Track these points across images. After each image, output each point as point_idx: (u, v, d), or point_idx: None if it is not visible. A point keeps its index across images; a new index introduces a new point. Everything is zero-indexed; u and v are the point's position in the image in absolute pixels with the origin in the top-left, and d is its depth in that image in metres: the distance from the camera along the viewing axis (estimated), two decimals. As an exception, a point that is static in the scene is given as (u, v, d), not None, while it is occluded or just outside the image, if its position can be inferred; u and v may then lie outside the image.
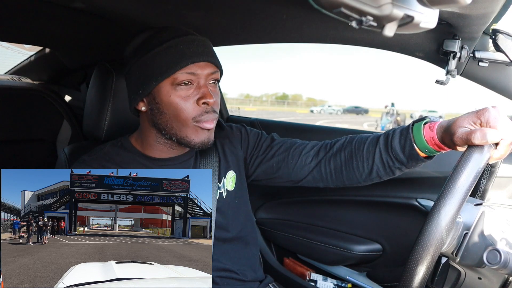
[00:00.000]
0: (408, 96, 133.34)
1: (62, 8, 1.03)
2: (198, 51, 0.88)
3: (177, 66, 0.86)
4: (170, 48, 0.86)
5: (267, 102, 67.71)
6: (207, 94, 0.88)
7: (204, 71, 0.89)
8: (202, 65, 0.88)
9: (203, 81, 0.89)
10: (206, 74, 0.89)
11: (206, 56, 0.89)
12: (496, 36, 0.95)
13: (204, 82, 0.89)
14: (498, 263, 0.63)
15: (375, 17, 0.36)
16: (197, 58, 0.87)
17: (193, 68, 0.87)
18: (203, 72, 0.89)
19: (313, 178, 1.00)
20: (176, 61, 0.86)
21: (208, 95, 0.88)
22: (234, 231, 1.03)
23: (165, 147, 0.96)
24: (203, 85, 0.89)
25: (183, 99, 0.87)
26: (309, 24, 1.07)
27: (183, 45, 0.87)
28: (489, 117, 0.69)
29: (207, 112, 0.89)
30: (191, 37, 0.89)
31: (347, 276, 1.41)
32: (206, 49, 0.90)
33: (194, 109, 0.88)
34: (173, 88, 0.87)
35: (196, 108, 0.88)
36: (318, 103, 64.76)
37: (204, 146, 0.92)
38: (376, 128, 17.91)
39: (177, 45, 0.87)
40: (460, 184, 0.64)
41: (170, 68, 0.86)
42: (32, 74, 1.99)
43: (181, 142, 0.92)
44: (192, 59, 0.86)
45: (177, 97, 0.87)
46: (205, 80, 0.90)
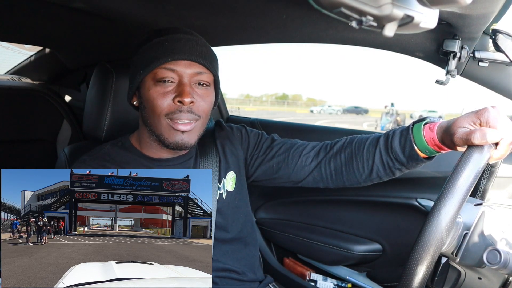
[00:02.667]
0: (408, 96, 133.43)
1: (62, 8, 1.03)
2: (182, 49, 0.86)
3: (157, 62, 0.86)
4: (155, 44, 0.88)
5: (267, 102, 67.70)
6: (184, 92, 0.86)
7: (187, 70, 0.87)
8: (185, 63, 0.87)
9: (186, 80, 0.87)
10: (189, 74, 0.88)
11: (189, 55, 0.87)
12: (496, 36, 0.95)
13: (187, 81, 0.88)
14: (498, 263, 0.63)
15: (375, 17, 0.36)
16: (178, 55, 0.86)
17: (173, 65, 0.86)
18: (186, 71, 0.87)
19: (313, 178, 1.00)
20: (158, 56, 0.86)
21: (185, 94, 0.85)
22: (234, 231, 1.03)
23: (158, 146, 0.95)
24: (185, 83, 0.87)
25: (160, 95, 0.87)
26: (309, 24, 1.07)
27: (168, 42, 0.87)
28: (488, 117, 0.69)
29: (181, 111, 0.86)
30: (180, 35, 0.88)
31: (347, 276, 1.41)
32: (193, 49, 0.88)
33: (168, 106, 0.87)
34: (153, 83, 0.88)
35: (171, 105, 0.87)
36: (318, 103, 64.76)
37: (179, 148, 0.90)
38: (375, 128, 17.91)
39: (163, 42, 0.87)
40: (460, 184, 0.64)
41: (151, 63, 0.86)
42: (32, 74, 1.99)
43: (159, 141, 0.91)
44: (172, 56, 0.86)
45: (155, 92, 0.87)
46: (189, 79, 0.88)
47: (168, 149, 0.92)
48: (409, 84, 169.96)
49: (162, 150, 0.96)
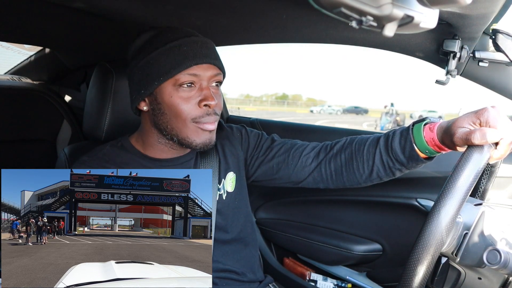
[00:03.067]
0: (408, 96, 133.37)
1: (62, 8, 1.03)
2: (201, 52, 0.87)
3: (179, 67, 0.85)
4: (173, 48, 0.86)
5: (267, 102, 67.68)
6: (209, 96, 0.87)
7: (207, 73, 0.88)
8: (204, 67, 0.88)
9: (206, 83, 0.89)
10: (208, 76, 0.89)
11: (209, 58, 0.88)
12: (496, 36, 0.95)
13: (207, 84, 0.89)
14: (498, 263, 0.63)
15: (375, 17, 0.36)
16: (200, 60, 0.86)
17: (195, 69, 0.86)
18: (206, 74, 0.88)
19: (313, 179, 1.00)
20: (179, 62, 0.85)
21: (210, 97, 0.87)
22: (234, 232, 1.03)
23: (166, 147, 0.96)
24: (205, 87, 0.88)
25: (185, 100, 0.87)
26: (309, 24, 1.07)
27: (186, 46, 0.86)
28: (488, 117, 0.69)
29: (208, 114, 0.89)
30: (194, 38, 0.89)
31: (347, 276, 1.41)
32: (209, 51, 0.89)
33: (194, 110, 0.88)
34: (175, 89, 0.87)
35: (197, 109, 0.88)
36: (318, 103, 64.74)
37: (206, 147, 0.92)
38: (375, 128, 17.90)
39: (180, 46, 0.86)
40: (460, 184, 0.64)
41: (173, 69, 0.85)
42: (32, 74, 1.99)
43: (183, 143, 0.91)
44: (195, 60, 0.86)
45: (179, 98, 0.87)
46: (208, 82, 0.89)
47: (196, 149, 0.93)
48: (409, 84, 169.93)
49: (168, 151, 0.96)
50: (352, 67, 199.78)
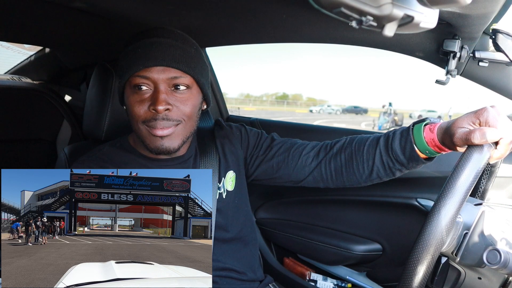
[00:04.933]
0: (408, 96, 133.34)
1: (62, 8, 1.03)
2: (154, 55, 0.83)
3: (131, 70, 0.84)
4: (130, 51, 0.86)
5: (267, 102, 67.69)
6: (157, 100, 0.83)
7: (161, 75, 0.84)
8: (158, 69, 0.84)
9: (162, 86, 0.85)
10: (164, 79, 0.85)
11: (161, 60, 0.83)
12: (496, 36, 0.95)
13: (163, 87, 0.85)
14: (498, 263, 0.63)
15: (375, 17, 0.36)
16: (150, 62, 0.83)
17: (146, 72, 0.84)
18: (160, 77, 0.84)
19: (313, 178, 1.00)
20: (130, 64, 0.85)
21: (158, 102, 0.83)
22: (234, 231, 1.03)
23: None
24: (159, 91, 0.84)
25: (137, 103, 0.86)
26: (309, 24, 1.07)
27: (141, 48, 0.85)
28: (488, 117, 0.69)
29: (156, 119, 0.85)
30: (154, 39, 0.86)
31: (347, 276, 1.41)
32: (166, 53, 0.84)
33: (144, 113, 0.86)
34: (132, 90, 0.87)
35: (147, 112, 0.85)
36: (318, 103, 64.74)
37: (162, 153, 0.89)
38: (373, 127, 17.90)
39: (136, 49, 0.85)
40: (460, 184, 0.64)
41: (126, 71, 0.86)
42: (32, 74, 1.99)
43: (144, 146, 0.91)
44: (144, 63, 0.83)
45: (132, 100, 0.87)
46: (165, 85, 0.85)
47: (155, 153, 0.91)
48: (409, 84, 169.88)
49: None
50: (353, 67, 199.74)
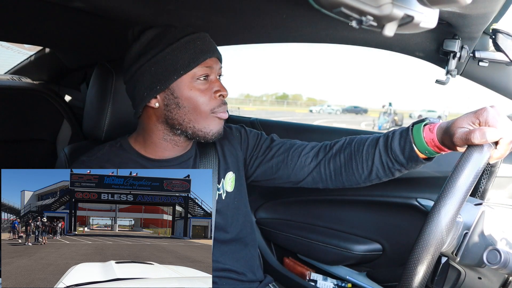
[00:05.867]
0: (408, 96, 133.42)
1: (62, 8, 1.03)
2: (212, 47, 0.93)
3: (197, 61, 0.89)
4: (189, 43, 0.90)
5: (267, 102, 67.69)
6: (222, 87, 0.94)
7: (216, 66, 0.94)
8: (214, 60, 0.94)
9: (215, 75, 0.94)
10: (217, 69, 0.94)
11: (217, 52, 0.95)
12: (496, 36, 0.95)
13: (215, 76, 0.94)
14: (498, 263, 0.63)
15: (375, 17, 0.36)
16: (211, 53, 0.92)
17: (209, 63, 0.92)
18: (216, 67, 0.94)
19: (312, 179, 1.00)
20: (196, 56, 0.89)
21: (223, 88, 0.94)
22: (233, 232, 1.03)
23: (170, 145, 0.96)
24: (215, 79, 0.94)
25: (202, 92, 0.91)
26: (309, 24, 1.07)
27: (199, 41, 0.91)
28: (487, 117, 0.69)
29: (223, 103, 0.94)
30: (202, 34, 0.93)
31: (347, 276, 1.41)
32: (214, 46, 0.95)
33: (211, 101, 0.92)
34: (193, 82, 0.90)
35: (213, 100, 0.92)
36: (318, 103, 64.72)
37: (219, 136, 0.96)
38: (373, 127, 17.90)
39: (194, 41, 0.90)
40: (460, 184, 0.64)
41: (192, 62, 0.89)
42: (32, 74, 1.99)
43: (198, 135, 0.94)
44: (208, 54, 0.91)
45: (197, 90, 0.91)
46: (216, 74, 0.95)
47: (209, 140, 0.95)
48: (409, 83, 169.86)
49: (171, 149, 0.97)
50: (353, 67, 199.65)
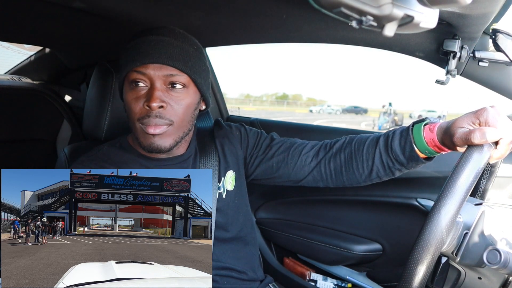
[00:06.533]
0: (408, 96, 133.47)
1: (62, 8, 1.03)
2: (151, 52, 0.84)
3: (129, 66, 0.85)
4: (130, 48, 0.87)
5: (267, 102, 67.69)
6: (151, 97, 0.83)
7: (157, 72, 0.84)
8: (155, 66, 0.84)
9: (158, 84, 0.85)
10: (160, 76, 0.85)
11: (158, 58, 0.84)
12: (496, 36, 0.95)
13: (159, 85, 0.85)
14: (498, 263, 0.63)
15: (375, 17, 0.36)
16: (147, 59, 0.84)
17: (143, 68, 0.84)
18: (156, 74, 0.84)
19: (313, 178, 1.00)
20: (129, 60, 0.86)
21: (152, 99, 0.83)
22: (234, 231, 1.03)
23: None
24: (155, 88, 0.85)
25: (134, 99, 0.86)
26: (309, 24, 1.07)
27: (140, 45, 0.85)
28: (487, 117, 0.69)
29: (149, 116, 0.84)
30: (153, 37, 0.86)
31: (347, 276, 1.41)
32: (163, 51, 0.84)
33: (139, 110, 0.86)
34: (129, 87, 0.88)
35: (142, 109, 0.86)
36: (318, 103, 64.71)
37: (154, 151, 0.88)
38: (373, 127, 17.91)
39: (135, 45, 0.86)
40: (460, 184, 0.64)
41: (125, 67, 0.87)
42: (32, 74, 1.99)
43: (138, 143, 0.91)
44: (141, 59, 0.84)
45: (129, 96, 0.87)
46: (161, 82, 0.86)
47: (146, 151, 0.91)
48: (409, 84, 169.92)
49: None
50: (353, 67, 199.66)
